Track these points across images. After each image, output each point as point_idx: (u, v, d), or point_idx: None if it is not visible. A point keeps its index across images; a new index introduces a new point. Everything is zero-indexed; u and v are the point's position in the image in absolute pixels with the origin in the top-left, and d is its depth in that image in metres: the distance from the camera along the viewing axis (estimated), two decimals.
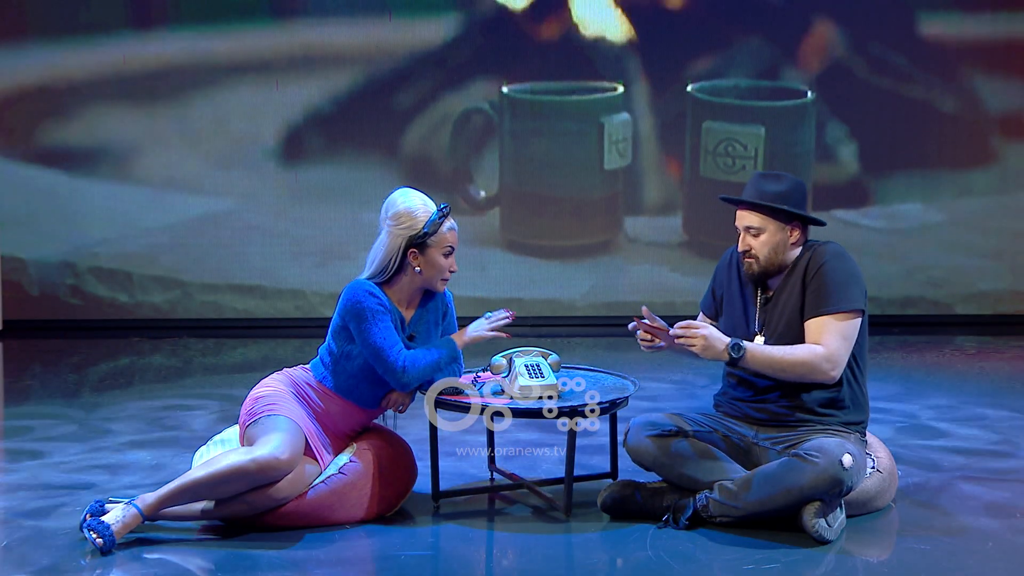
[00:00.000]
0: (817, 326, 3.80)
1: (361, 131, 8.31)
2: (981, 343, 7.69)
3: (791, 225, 3.90)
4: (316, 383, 4.05)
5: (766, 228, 3.90)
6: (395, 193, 4.08)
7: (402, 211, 4.00)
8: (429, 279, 4.04)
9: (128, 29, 8.27)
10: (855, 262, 3.92)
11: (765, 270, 3.92)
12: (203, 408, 5.81)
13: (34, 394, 6.45)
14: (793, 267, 3.92)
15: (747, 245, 3.92)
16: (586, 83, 8.26)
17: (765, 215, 3.89)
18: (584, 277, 8.39)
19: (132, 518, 3.70)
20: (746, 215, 3.93)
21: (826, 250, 3.89)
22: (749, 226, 3.91)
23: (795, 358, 3.76)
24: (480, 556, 3.79)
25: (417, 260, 4.01)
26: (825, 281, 3.81)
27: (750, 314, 3.98)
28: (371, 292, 3.96)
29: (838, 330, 3.78)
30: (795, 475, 3.69)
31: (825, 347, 3.77)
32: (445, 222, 4.04)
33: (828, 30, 8.27)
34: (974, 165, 8.37)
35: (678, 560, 3.60)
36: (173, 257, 8.36)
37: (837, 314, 3.79)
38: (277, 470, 3.76)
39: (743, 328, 3.97)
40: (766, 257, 3.90)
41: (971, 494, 4.27)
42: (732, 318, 4.02)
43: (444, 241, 4.02)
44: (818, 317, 3.80)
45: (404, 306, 4.07)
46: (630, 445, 3.97)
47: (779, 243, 3.90)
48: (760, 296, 3.98)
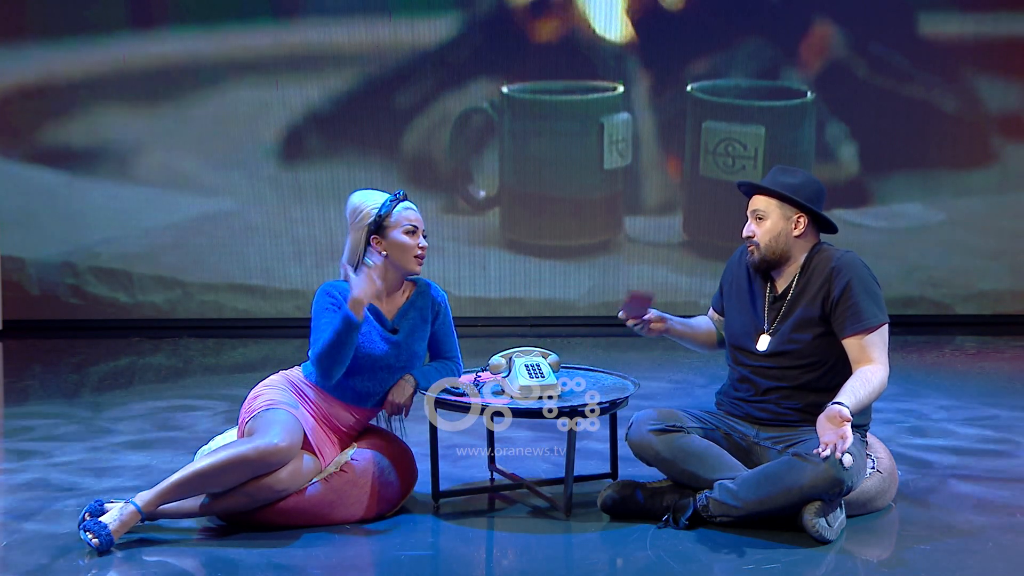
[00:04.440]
0: (861, 344, 3.83)
1: (361, 131, 8.31)
2: (981, 343, 7.69)
3: (796, 216, 3.91)
4: (311, 384, 4.05)
5: (770, 214, 3.92)
6: (350, 196, 4.12)
7: (353, 208, 4.06)
8: (399, 261, 4.03)
9: (128, 29, 8.27)
10: (871, 269, 3.95)
11: (764, 258, 3.94)
12: (203, 408, 5.81)
13: (34, 394, 6.45)
14: (804, 269, 3.94)
15: (751, 231, 3.95)
16: (586, 83, 8.26)
17: (772, 200, 3.92)
18: (584, 277, 8.39)
19: (130, 516, 3.70)
20: (758, 199, 3.98)
21: (845, 261, 3.90)
22: (755, 209, 3.96)
23: (874, 388, 3.78)
24: (480, 556, 3.79)
25: (381, 245, 4.02)
26: (858, 300, 3.84)
27: (759, 310, 3.99)
28: (327, 291, 4.01)
29: (882, 342, 3.86)
30: (795, 475, 3.69)
31: (879, 362, 3.83)
32: (399, 203, 4.05)
33: (828, 30, 8.27)
34: (974, 165, 8.38)
35: (678, 560, 3.60)
36: (173, 257, 8.36)
37: (877, 328, 3.85)
38: (276, 456, 3.76)
39: (751, 324, 3.98)
40: (767, 244, 3.92)
41: (971, 494, 4.27)
42: (741, 313, 4.04)
43: (401, 220, 4.02)
44: (858, 336, 3.83)
45: (383, 300, 4.07)
46: (632, 440, 3.97)
47: (781, 232, 3.92)
48: (769, 293, 3.99)
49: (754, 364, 3.98)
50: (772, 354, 3.94)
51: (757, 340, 3.97)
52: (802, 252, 3.96)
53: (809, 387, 3.91)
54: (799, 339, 3.89)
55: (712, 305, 4.26)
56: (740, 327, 4.02)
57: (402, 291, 4.12)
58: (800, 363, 3.91)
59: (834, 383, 3.87)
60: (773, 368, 3.94)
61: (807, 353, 3.90)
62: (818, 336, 3.89)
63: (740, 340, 4.03)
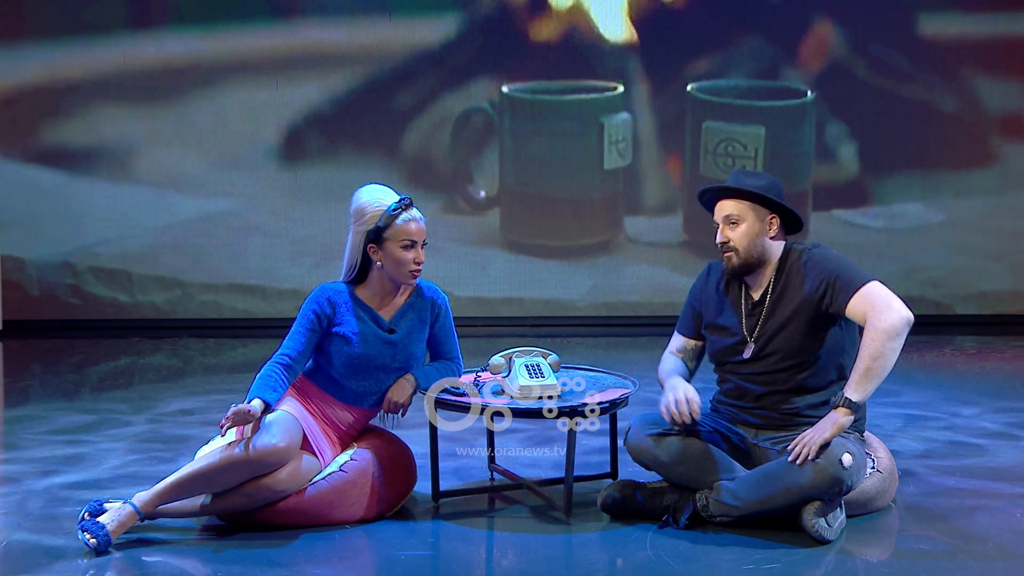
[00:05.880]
0: (862, 304, 3.75)
1: (361, 131, 8.31)
2: (981, 343, 7.69)
3: (770, 217, 3.90)
4: (310, 384, 4.05)
5: (745, 217, 3.89)
6: (358, 190, 4.07)
7: (357, 207, 4.02)
8: (393, 273, 4.01)
9: (128, 29, 8.27)
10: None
11: (745, 263, 3.90)
12: (203, 408, 5.81)
13: (34, 394, 6.45)
14: (780, 270, 3.92)
15: (726, 237, 3.91)
16: (586, 83, 8.26)
17: (743, 203, 3.89)
18: (584, 277, 8.39)
19: (128, 517, 3.70)
20: (726, 204, 3.93)
21: (814, 254, 3.88)
22: (729, 214, 3.91)
23: (881, 344, 3.68)
24: (480, 556, 3.79)
25: (377, 254, 4.00)
26: (840, 272, 3.80)
27: (739, 321, 3.96)
28: (316, 298, 4.01)
29: (881, 293, 3.76)
30: (795, 475, 3.69)
31: (884, 311, 3.71)
32: (402, 214, 3.98)
33: (828, 30, 8.27)
34: (974, 165, 8.37)
35: (678, 560, 3.60)
36: (173, 257, 8.36)
37: (868, 283, 3.77)
38: (274, 456, 3.75)
39: (734, 337, 3.95)
40: (745, 248, 3.89)
41: (971, 494, 4.27)
42: (721, 330, 3.99)
43: (400, 234, 3.96)
44: (855, 298, 3.76)
45: (379, 302, 4.06)
46: (630, 444, 3.96)
47: (758, 234, 3.89)
48: (746, 303, 3.97)
49: (744, 372, 3.96)
50: (760, 359, 3.91)
51: (743, 350, 3.94)
52: (776, 253, 3.94)
53: (803, 387, 3.89)
54: (785, 340, 3.86)
55: (680, 332, 4.14)
56: (724, 343, 3.98)
57: (401, 292, 4.11)
58: (789, 364, 3.88)
59: (827, 379, 3.86)
60: (763, 373, 3.91)
61: (794, 353, 3.87)
62: (804, 334, 3.85)
63: (726, 355, 3.99)
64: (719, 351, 4.01)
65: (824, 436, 3.67)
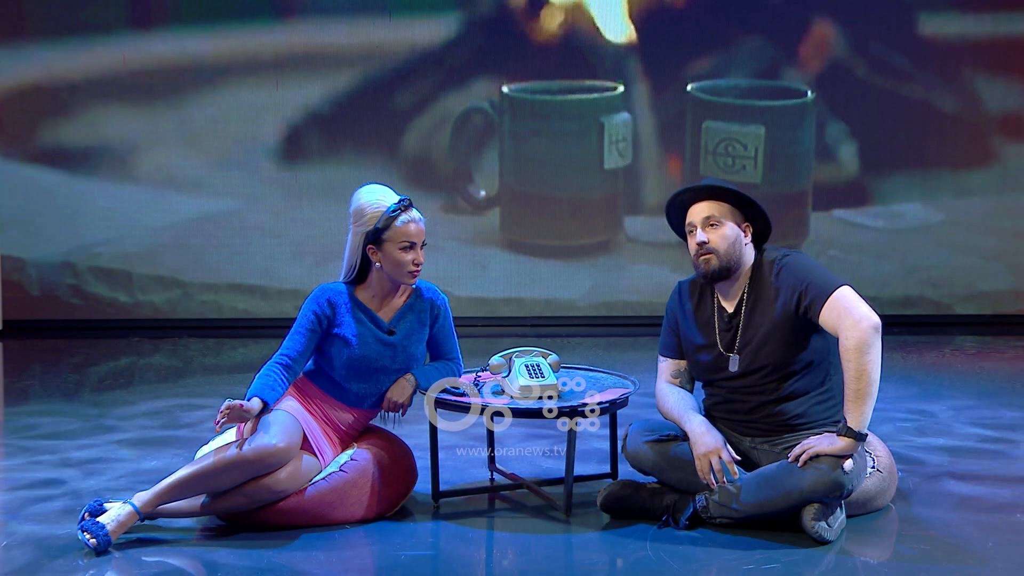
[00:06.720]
0: (833, 314, 3.69)
1: (361, 131, 8.31)
2: (981, 343, 7.69)
3: (744, 224, 3.89)
4: (310, 384, 4.05)
5: (725, 221, 3.86)
6: (358, 190, 4.07)
7: (357, 208, 4.02)
8: (392, 274, 4.01)
9: (128, 29, 8.28)
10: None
11: (726, 266, 3.84)
12: (203, 408, 5.81)
13: (34, 394, 6.45)
14: (753, 279, 3.88)
15: (706, 237, 3.84)
16: (586, 83, 8.26)
17: (724, 205, 3.86)
18: (584, 277, 8.39)
19: (128, 517, 3.70)
20: (705, 207, 3.88)
21: (787, 261, 3.83)
22: (709, 215, 3.85)
23: (856, 363, 3.64)
24: (480, 556, 3.78)
25: (376, 255, 4.00)
26: (812, 279, 3.75)
27: (716, 337, 3.92)
28: (316, 298, 4.01)
29: (851, 300, 3.69)
30: (795, 478, 3.68)
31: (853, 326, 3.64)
32: (401, 215, 3.98)
33: (828, 30, 8.27)
34: (974, 165, 8.38)
35: (678, 560, 3.60)
36: (173, 257, 8.37)
37: (838, 289, 3.72)
38: (274, 457, 3.75)
39: (714, 352, 3.92)
40: (725, 251, 3.83)
41: (971, 494, 4.27)
42: (700, 348, 3.95)
43: (399, 235, 3.96)
44: (826, 306, 3.70)
45: (379, 302, 4.06)
46: (628, 451, 3.96)
47: (737, 238, 3.86)
48: (720, 317, 3.94)
49: (732, 386, 3.92)
50: (747, 373, 3.87)
51: (728, 363, 3.90)
52: (748, 261, 3.90)
53: (796, 393, 3.85)
54: (771, 355, 3.81)
55: (666, 356, 4.07)
56: (704, 360, 3.94)
57: (401, 293, 4.11)
58: (779, 375, 3.84)
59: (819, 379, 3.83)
60: (753, 386, 3.88)
61: (782, 365, 3.82)
62: (790, 344, 3.80)
63: (712, 373, 3.94)
64: (703, 369, 3.97)
65: (827, 451, 3.65)
